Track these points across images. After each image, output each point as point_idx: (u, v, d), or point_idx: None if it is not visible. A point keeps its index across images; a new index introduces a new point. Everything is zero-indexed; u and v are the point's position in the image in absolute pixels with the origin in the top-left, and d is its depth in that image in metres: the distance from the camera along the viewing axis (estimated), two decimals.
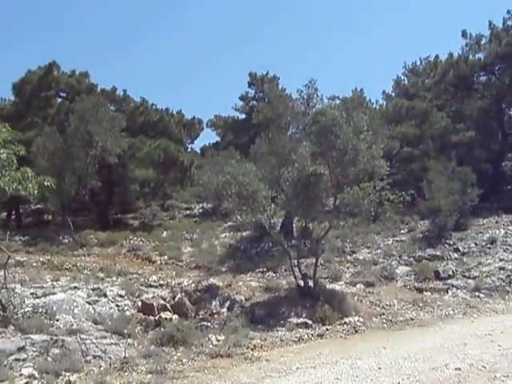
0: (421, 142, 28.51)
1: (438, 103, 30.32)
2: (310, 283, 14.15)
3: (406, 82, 35.89)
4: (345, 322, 12.53)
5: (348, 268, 17.80)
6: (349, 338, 11.54)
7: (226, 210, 14.79)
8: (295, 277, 14.36)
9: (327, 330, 12.09)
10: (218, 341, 11.30)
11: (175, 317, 13.11)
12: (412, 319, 12.69)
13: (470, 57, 28.25)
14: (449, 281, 15.80)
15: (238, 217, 15.49)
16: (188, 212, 31.42)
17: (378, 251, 19.44)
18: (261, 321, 13.06)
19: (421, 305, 13.83)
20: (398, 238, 20.68)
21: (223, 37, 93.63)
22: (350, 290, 15.31)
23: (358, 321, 12.63)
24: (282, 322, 12.74)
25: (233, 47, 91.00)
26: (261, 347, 10.66)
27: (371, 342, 10.70)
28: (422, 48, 70.73)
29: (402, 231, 21.78)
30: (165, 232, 25.09)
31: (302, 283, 14.19)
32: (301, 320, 12.70)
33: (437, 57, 32.86)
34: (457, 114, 30.89)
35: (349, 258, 18.90)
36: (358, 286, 15.74)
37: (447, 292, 15.05)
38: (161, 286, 15.70)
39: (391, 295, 14.71)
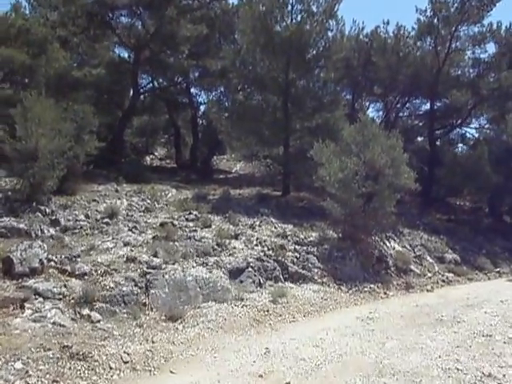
0: (31, 78, 19.91)
1: (65, 35, 22.19)
2: None
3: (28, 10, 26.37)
4: None
5: None
6: None
7: None
8: None
9: None
10: None
11: None
12: None
13: None
14: (31, 281, 7.80)
15: None
16: None
17: None
18: None
19: None
20: None
21: None
22: None
23: None
24: None
25: None
26: None
27: None
28: None
29: None
30: None
31: None
32: None
33: None
34: (86, 57, 23.64)
35: None
36: None
37: (23, 308, 7.02)
38: None
39: None
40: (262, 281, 9.98)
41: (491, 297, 10.45)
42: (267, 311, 8.21)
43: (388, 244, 13.71)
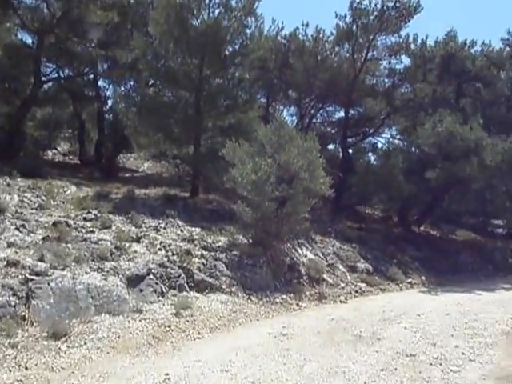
0: None
1: None
2: None
3: None
4: None
5: None
6: None
7: None
8: None
9: None
10: None
11: None
12: None
13: None
14: None
15: None
16: None
17: None
18: None
19: None
20: None
21: None
22: None
23: None
24: None
25: None
26: None
27: None
28: None
29: None
30: None
31: None
32: None
33: None
34: None
35: None
36: None
37: None
38: None
39: None
40: (164, 289, 9.01)
41: (407, 310, 10.10)
42: (169, 326, 7.27)
43: (300, 251, 13.12)
